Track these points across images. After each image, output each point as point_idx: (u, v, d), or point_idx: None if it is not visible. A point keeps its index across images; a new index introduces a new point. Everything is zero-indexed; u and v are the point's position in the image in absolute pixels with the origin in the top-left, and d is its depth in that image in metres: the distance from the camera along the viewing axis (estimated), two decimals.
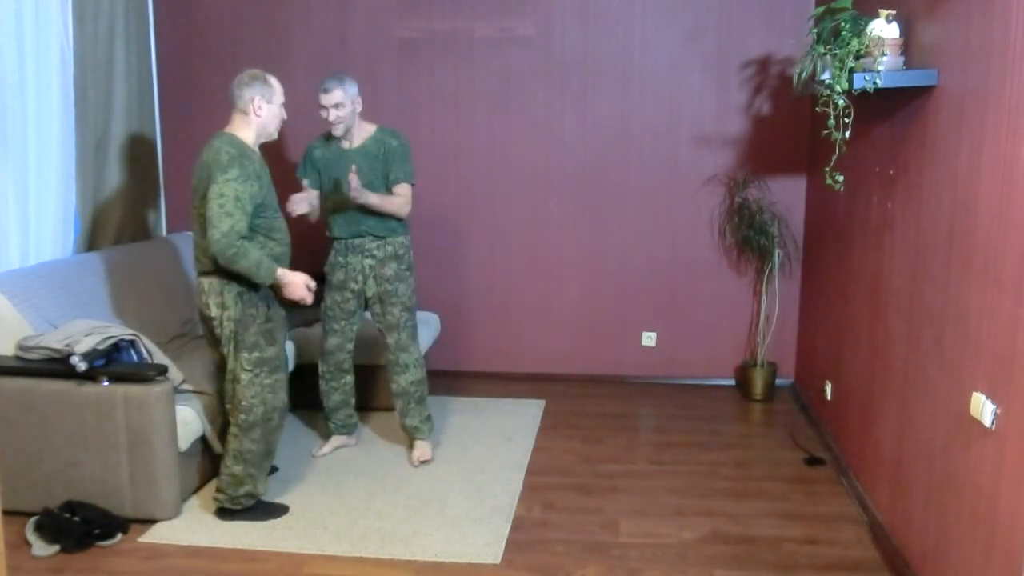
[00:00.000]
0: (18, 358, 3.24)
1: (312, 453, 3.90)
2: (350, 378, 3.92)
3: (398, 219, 3.68)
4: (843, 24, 2.98)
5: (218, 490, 3.26)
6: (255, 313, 3.13)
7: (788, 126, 4.67)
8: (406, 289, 3.73)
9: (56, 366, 3.14)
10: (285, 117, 3.26)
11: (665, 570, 2.93)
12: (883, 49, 2.84)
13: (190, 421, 3.31)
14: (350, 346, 3.85)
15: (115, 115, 4.33)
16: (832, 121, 3.00)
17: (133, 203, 4.50)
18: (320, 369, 3.89)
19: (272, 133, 3.21)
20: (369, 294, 3.74)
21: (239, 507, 3.25)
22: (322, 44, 4.87)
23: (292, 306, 3.33)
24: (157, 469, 3.18)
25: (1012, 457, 2.10)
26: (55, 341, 3.17)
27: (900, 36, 2.88)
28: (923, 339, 2.75)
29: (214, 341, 3.22)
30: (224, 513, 3.27)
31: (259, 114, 3.12)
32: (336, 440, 3.97)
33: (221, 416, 3.41)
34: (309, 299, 3.17)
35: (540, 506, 3.43)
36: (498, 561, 2.98)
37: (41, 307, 3.42)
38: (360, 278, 3.72)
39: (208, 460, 3.54)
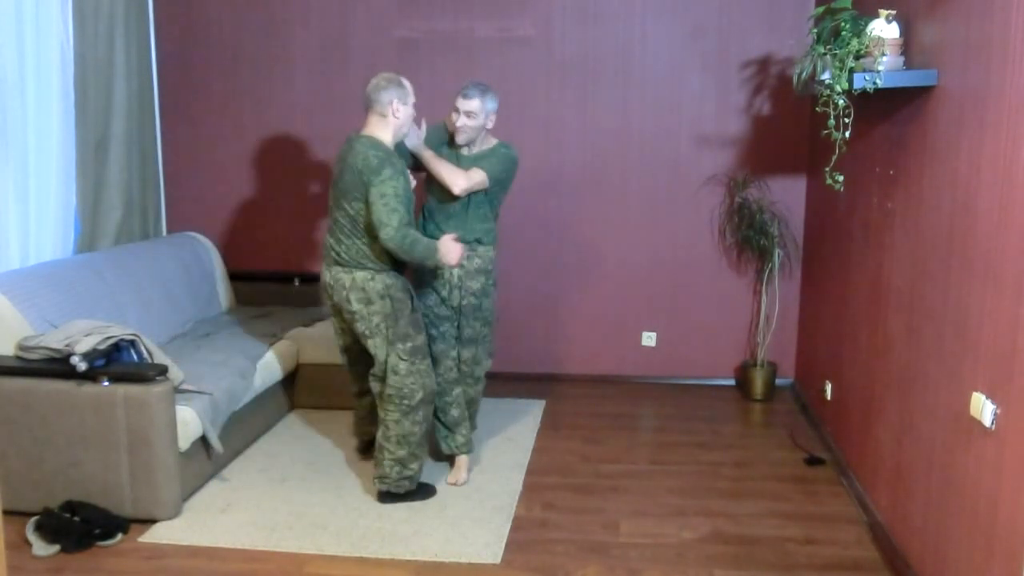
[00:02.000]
0: (18, 358, 3.24)
1: (448, 481, 3.60)
2: (459, 389, 3.66)
3: (485, 229, 3.56)
4: (843, 24, 2.98)
5: (381, 477, 3.36)
6: (403, 306, 3.28)
7: (788, 126, 4.67)
8: (490, 304, 3.65)
9: (56, 366, 3.14)
10: (415, 114, 3.37)
11: (665, 570, 2.93)
12: (883, 49, 2.84)
13: (190, 421, 3.31)
14: (454, 353, 3.65)
15: (115, 115, 4.33)
16: (832, 121, 3.00)
17: (133, 203, 4.50)
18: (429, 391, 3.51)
19: (406, 132, 3.35)
20: (453, 304, 3.60)
21: (403, 490, 3.37)
22: (322, 44, 4.87)
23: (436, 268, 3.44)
24: (157, 469, 3.18)
25: (1012, 457, 2.10)
26: (55, 341, 3.17)
27: (900, 36, 2.88)
28: (923, 339, 2.75)
29: (344, 331, 3.44)
30: (389, 497, 3.38)
31: (397, 116, 3.24)
32: (463, 460, 3.66)
33: (358, 389, 3.65)
34: (459, 250, 3.29)
35: (540, 506, 3.43)
36: (498, 561, 2.98)
37: (41, 307, 3.42)
38: (447, 287, 3.59)
39: (208, 460, 3.54)
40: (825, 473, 3.73)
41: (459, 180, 3.41)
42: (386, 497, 3.39)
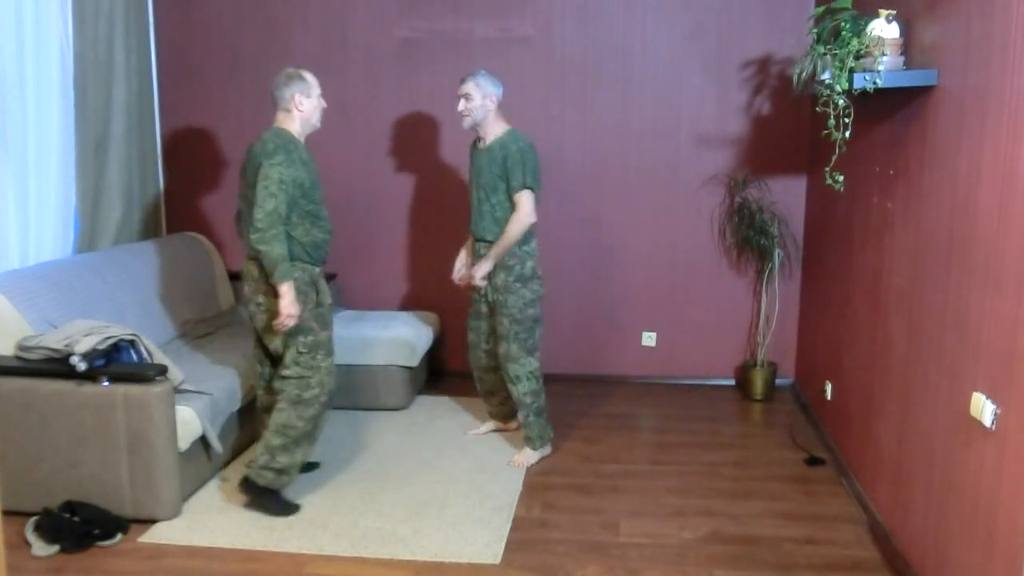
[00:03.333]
0: (18, 358, 3.24)
1: (465, 432, 4.12)
2: (490, 376, 3.96)
3: (499, 232, 3.64)
4: (843, 24, 2.98)
5: (249, 462, 3.33)
6: (305, 300, 3.22)
7: (788, 126, 4.67)
8: (516, 301, 3.65)
9: (56, 366, 3.14)
10: (325, 105, 3.38)
11: (665, 570, 2.93)
12: (883, 49, 2.84)
13: (190, 421, 3.31)
14: (485, 346, 3.88)
15: (115, 115, 4.33)
16: (832, 121, 3.00)
17: (133, 203, 4.50)
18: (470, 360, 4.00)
19: (316, 124, 3.36)
20: (489, 299, 3.75)
21: (263, 481, 3.27)
22: (322, 44, 4.87)
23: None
24: (157, 469, 3.18)
25: (1012, 457, 2.10)
26: (55, 341, 3.17)
27: (900, 36, 2.88)
28: (923, 339, 2.75)
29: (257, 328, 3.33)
30: (247, 485, 3.29)
31: (301, 109, 3.27)
32: (490, 423, 4.15)
33: (266, 396, 3.50)
34: (281, 327, 3.15)
35: (540, 506, 3.43)
36: (498, 561, 2.98)
37: (41, 307, 3.42)
38: (484, 284, 3.73)
39: (208, 460, 3.54)
40: (825, 473, 3.73)
41: (516, 227, 3.57)
42: (246, 485, 3.29)
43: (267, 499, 3.30)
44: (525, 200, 3.57)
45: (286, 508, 3.32)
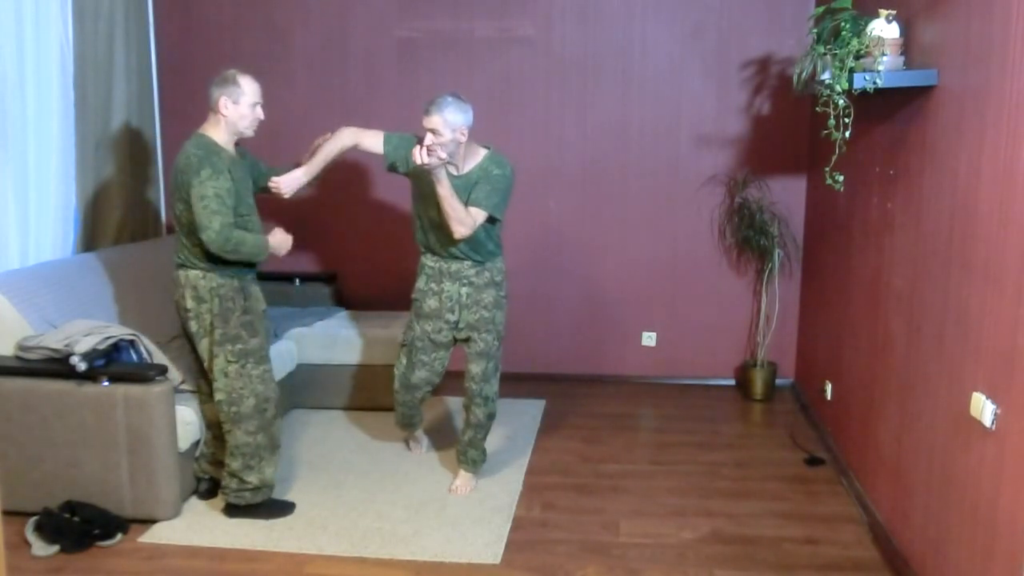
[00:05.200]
0: (18, 358, 3.24)
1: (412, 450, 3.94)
2: (419, 407, 3.70)
3: (489, 243, 3.40)
4: (843, 24, 2.98)
5: (222, 488, 3.28)
6: (232, 306, 3.15)
7: (788, 126, 4.67)
8: (503, 318, 3.49)
9: (56, 366, 3.14)
10: (262, 117, 3.24)
11: (665, 570, 2.93)
12: (883, 49, 2.84)
13: (190, 421, 3.31)
14: (437, 380, 3.59)
15: (115, 115, 4.33)
16: (832, 121, 3.00)
17: (133, 203, 4.50)
18: (398, 398, 3.62)
19: (243, 131, 3.20)
20: (463, 324, 3.44)
21: (243, 502, 3.25)
22: (322, 44, 4.87)
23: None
24: (157, 469, 3.18)
25: (1012, 457, 2.10)
26: (55, 341, 3.17)
27: (900, 36, 2.88)
28: (923, 339, 2.75)
29: (190, 335, 3.23)
30: (231, 509, 3.27)
31: (224, 113, 3.14)
32: (423, 439, 3.96)
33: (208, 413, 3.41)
34: (289, 241, 3.30)
35: (540, 506, 3.42)
36: (498, 561, 2.98)
37: (41, 307, 3.41)
38: (457, 308, 3.43)
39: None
40: (825, 473, 3.73)
41: (460, 228, 3.17)
42: (231, 510, 3.27)
43: (257, 512, 3.28)
44: (478, 218, 3.21)
45: (282, 509, 3.32)
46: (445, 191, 3.12)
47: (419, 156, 3.05)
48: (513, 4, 4.74)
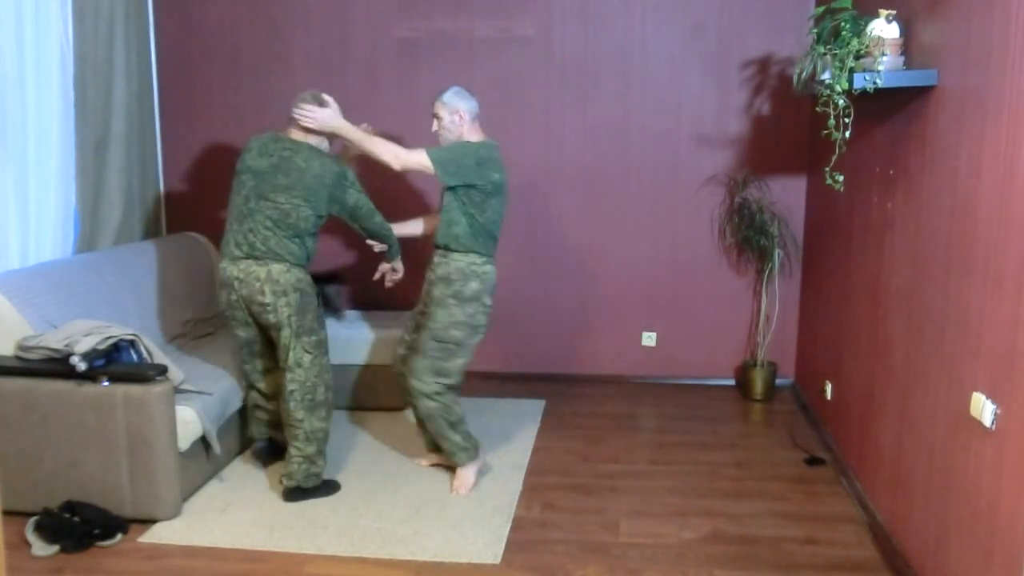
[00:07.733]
0: (18, 358, 3.24)
1: (416, 462, 3.80)
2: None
3: (453, 235, 3.38)
4: (843, 24, 2.98)
5: (289, 475, 3.40)
6: (309, 300, 3.38)
7: (788, 126, 4.67)
8: (444, 316, 3.37)
9: (56, 366, 3.14)
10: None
11: (665, 570, 2.93)
12: (883, 49, 2.84)
13: (190, 421, 3.31)
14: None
15: (115, 115, 4.33)
16: (832, 121, 3.00)
17: (133, 203, 4.50)
18: (400, 381, 3.70)
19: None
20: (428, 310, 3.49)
21: (312, 484, 3.42)
22: (322, 44, 4.87)
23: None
24: (157, 469, 3.18)
25: (1012, 457, 2.10)
26: (55, 341, 3.17)
27: (900, 36, 2.88)
28: (923, 339, 2.75)
29: (249, 324, 3.44)
30: (296, 493, 3.41)
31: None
32: (433, 456, 3.78)
33: (251, 382, 3.64)
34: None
35: (540, 506, 3.43)
36: (498, 561, 2.98)
37: (41, 307, 3.41)
38: (428, 289, 3.53)
39: (208, 460, 3.54)
40: (825, 473, 3.73)
41: (398, 154, 3.28)
42: (293, 494, 3.41)
43: (318, 492, 3.45)
44: (416, 155, 3.27)
45: (333, 487, 3.51)
46: (356, 135, 3.34)
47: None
48: (513, 4, 4.74)
